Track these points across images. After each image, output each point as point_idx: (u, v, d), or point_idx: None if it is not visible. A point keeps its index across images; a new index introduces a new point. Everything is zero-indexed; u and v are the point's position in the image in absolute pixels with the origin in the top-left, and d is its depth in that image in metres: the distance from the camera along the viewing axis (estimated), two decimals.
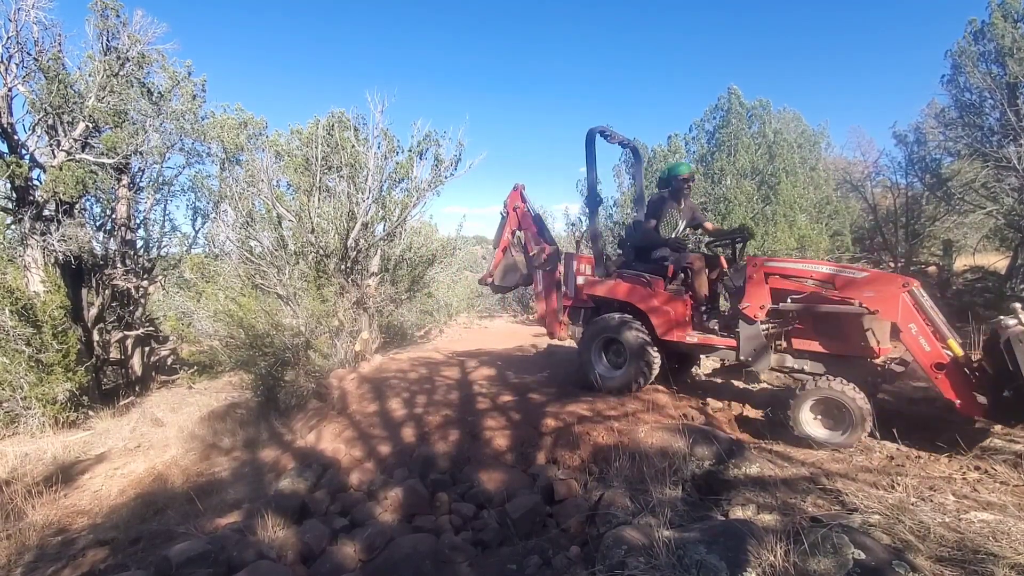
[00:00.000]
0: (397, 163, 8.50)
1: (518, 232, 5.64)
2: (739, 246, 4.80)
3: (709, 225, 5.11)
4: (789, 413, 3.72)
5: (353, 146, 8.24)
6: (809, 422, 3.69)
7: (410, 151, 8.44)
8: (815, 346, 3.93)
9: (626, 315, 4.57)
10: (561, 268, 5.22)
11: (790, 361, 4.04)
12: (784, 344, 4.10)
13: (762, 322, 4.00)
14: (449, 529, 3.02)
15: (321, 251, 7.64)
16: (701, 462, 3.18)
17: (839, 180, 15.38)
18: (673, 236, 5.10)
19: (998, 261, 11.45)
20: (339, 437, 4.59)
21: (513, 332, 14.65)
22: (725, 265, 4.66)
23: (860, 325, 3.72)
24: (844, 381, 3.62)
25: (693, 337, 4.32)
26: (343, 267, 7.83)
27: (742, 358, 4.08)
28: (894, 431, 3.60)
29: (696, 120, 15.34)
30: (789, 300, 3.91)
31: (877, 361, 3.88)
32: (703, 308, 4.50)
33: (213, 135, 9.00)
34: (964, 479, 2.96)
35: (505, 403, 4.62)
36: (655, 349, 4.40)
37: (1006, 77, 8.98)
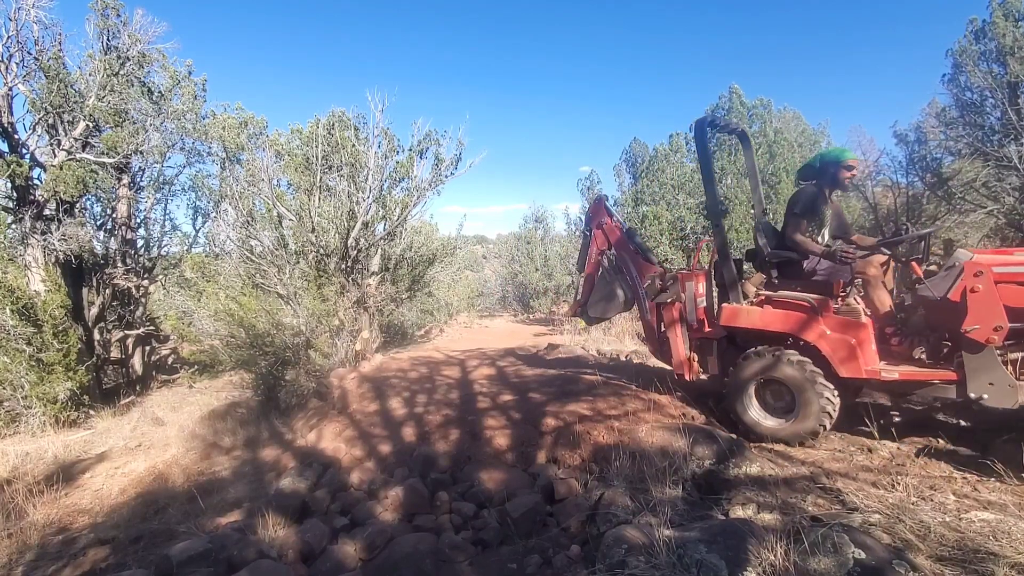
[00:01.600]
0: (397, 162, 8.51)
1: (608, 252, 4.83)
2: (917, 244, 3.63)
3: (859, 239, 3.97)
4: None
5: (353, 145, 8.25)
6: None
7: (410, 150, 8.45)
8: None
9: (789, 350, 3.63)
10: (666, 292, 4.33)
11: None
12: None
13: (996, 347, 3.01)
14: (449, 528, 3.03)
15: (321, 250, 7.64)
16: (701, 461, 3.18)
17: None
18: (825, 241, 3.92)
19: None
20: (340, 436, 4.60)
21: (513, 331, 14.67)
22: (918, 271, 3.48)
23: None
24: None
25: (891, 372, 3.31)
26: (343, 266, 7.83)
27: (972, 395, 3.07)
28: (893, 430, 3.60)
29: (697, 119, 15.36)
30: None
31: None
32: (888, 331, 3.53)
33: (214, 134, 9.00)
34: (964, 479, 2.96)
35: (505, 402, 4.62)
36: (834, 390, 3.50)
37: (1007, 76, 8.98)
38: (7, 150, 7.44)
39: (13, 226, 7.84)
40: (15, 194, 7.59)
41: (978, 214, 10.53)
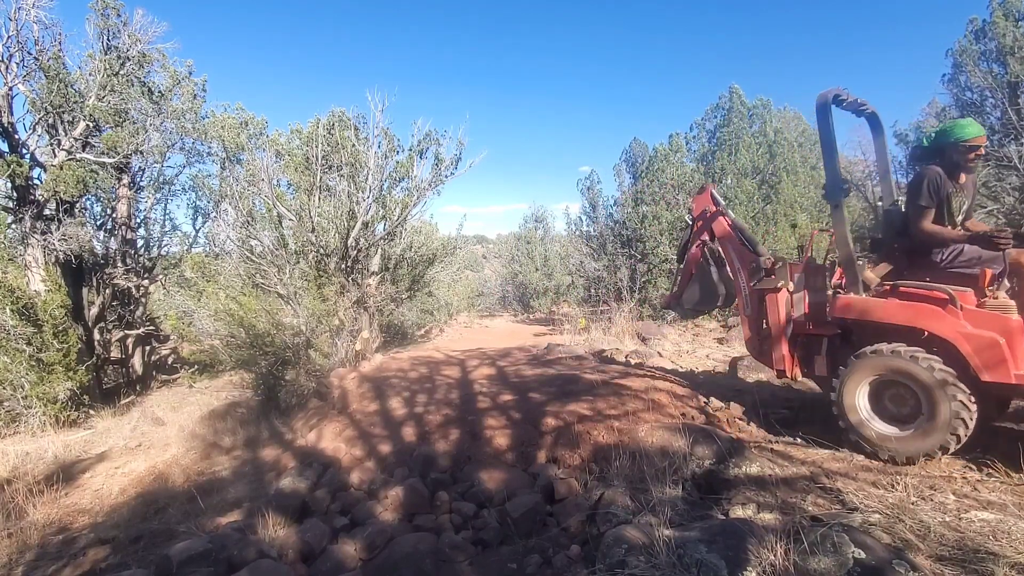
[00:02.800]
0: (397, 162, 8.52)
1: (711, 243, 4.63)
2: None
3: (973, 224, 3.57)
4: None
5: (353, 145, 8.26)
6: None
7: (410, 150, 8.46)
8: None
9: (917, 348, 3.19)
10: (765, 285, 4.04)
11: None
12: None
13: None
14: (449, 528, 3.03)
15: (321, 250, 7.65)
16: (701, 461, 3.18)
17: None
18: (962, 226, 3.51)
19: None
20: (340, 436, 4.60)
21: (513, 331, 14.67)
22: None
23: None
24: None
25: None
26: (343, 266, 7.84)
27: None
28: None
29: (697, 119, 15.42)
30: None
31: None
32: None
33: (214, 134, 9.01)
34: (964, 478, 2.96)
35: (505, 402, 4.61)
36: (970, 397, 3.02)
37: (1007, 76, 8.99)
38: (7, 150, 7.45)
39: (13, 226, 7.84)
40: (15, 194, 7.59)
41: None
